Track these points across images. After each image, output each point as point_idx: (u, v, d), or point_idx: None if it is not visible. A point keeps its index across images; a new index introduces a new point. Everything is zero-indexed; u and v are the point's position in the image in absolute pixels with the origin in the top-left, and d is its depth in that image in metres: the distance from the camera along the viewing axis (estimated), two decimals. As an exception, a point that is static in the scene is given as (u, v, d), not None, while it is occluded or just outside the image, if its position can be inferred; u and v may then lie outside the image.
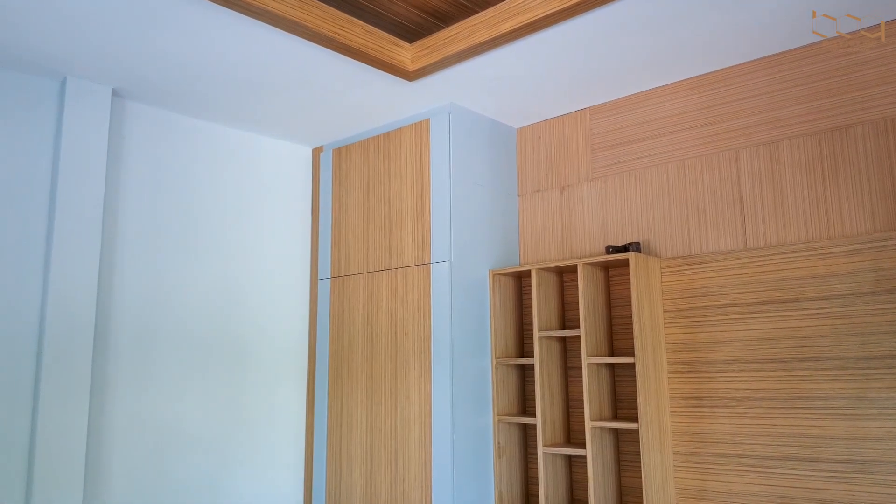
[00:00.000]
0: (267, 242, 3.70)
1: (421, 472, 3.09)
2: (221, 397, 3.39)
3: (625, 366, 3.07)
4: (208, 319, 3.39)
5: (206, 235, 3.45)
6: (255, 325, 3.57)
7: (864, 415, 2.47)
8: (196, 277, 3.38)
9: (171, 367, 3.23)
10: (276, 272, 3.72)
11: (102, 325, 3.03)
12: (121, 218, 3.16)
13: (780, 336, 2.68)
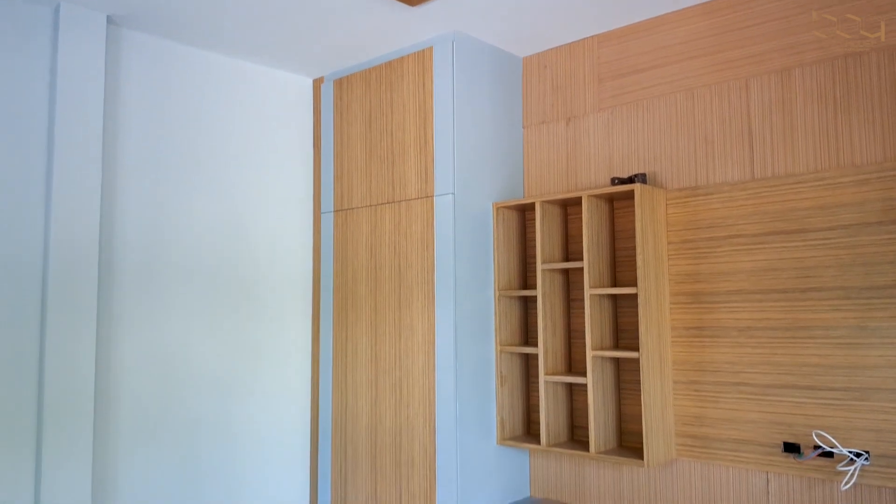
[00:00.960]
0: (269, 176, 3.67)
1: (424, 400, 3.15)
2: (228, 329, 3.43)
3: (627, 297, 3.08)
4: (212, 253, 3.40)
5: (207, 167, 3.42)
6: (259, 258, 3.58)
7: (864, 344, 2.49)
8: (198, 210, 3.37)
9: (177, 299, 3.26)
10: (279, 206, 3.70)
11: (106, 259, 3.04)
12: (120, 149, 3.13)
13: (783, 267, 2.68)
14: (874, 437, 2.45)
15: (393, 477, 3.24)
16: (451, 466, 3.03)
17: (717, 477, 2.81)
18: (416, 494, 3.14)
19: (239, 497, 3.40)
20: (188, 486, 3.22)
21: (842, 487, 2.50)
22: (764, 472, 2.69)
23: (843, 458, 2.49)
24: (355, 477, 3.41)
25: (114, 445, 3.00)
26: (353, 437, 3.45)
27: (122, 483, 3.01)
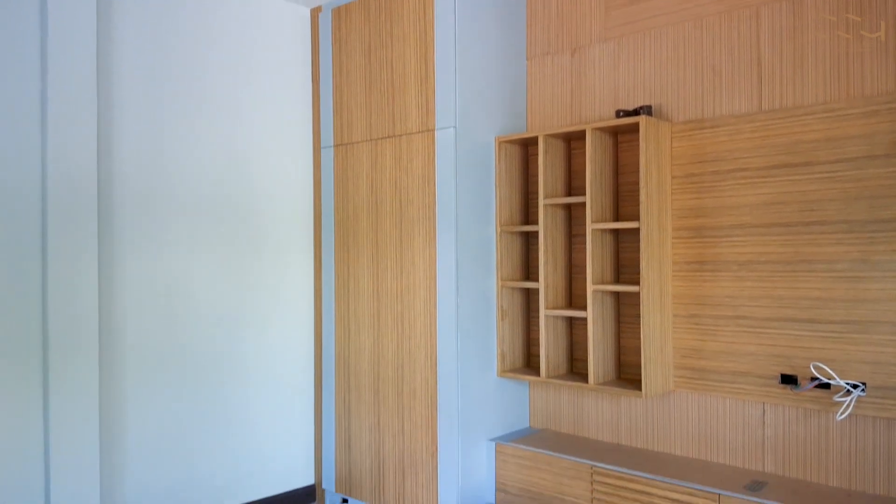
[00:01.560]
0: (268, 109, 3.61)
1: (426, 334, 3.18)
2: (229, 263, 3.44)
3: (629, 232, 3.07)
4: (212, 186, 3.37)
5: (204, 100, 3.36)
6: (259, 192, 3.56)
7: (865, 277, 2.49)
8: (197, 144, 3.32)
9: (178, 233, 3.25)
10: (279, 140, 3.66)
11: (105, 192, 3.02)
12: (115, 83, 3.06)
13: (788, 200, 2.66)
14: (871, 369, 2.48)
15: (395, 408, 3.31)
16: (452, 398, 3.08)
17: (714, 408, 2.86)
18: (418, 424, 3.21)
19: (245, 427, 3.48)
20: (195, 418, 3.29)
21: (837, 417, 2.54)
22: (760, 403, 2.74)
23: (840, 389, 2.52)
24: (359, 408, 3.48)
25: (120, 376, 3.05)
26: (356, 370, 3.50)
27: (129, 413, 3.07)
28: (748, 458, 2.77)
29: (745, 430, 2.78)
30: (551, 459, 2.98)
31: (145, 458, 3.12)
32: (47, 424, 2.78)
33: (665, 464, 2.83)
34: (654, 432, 3.03)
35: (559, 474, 2.95)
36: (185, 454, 3.25)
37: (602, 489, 2.81)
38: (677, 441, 2.96)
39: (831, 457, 2.58)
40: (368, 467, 3.42)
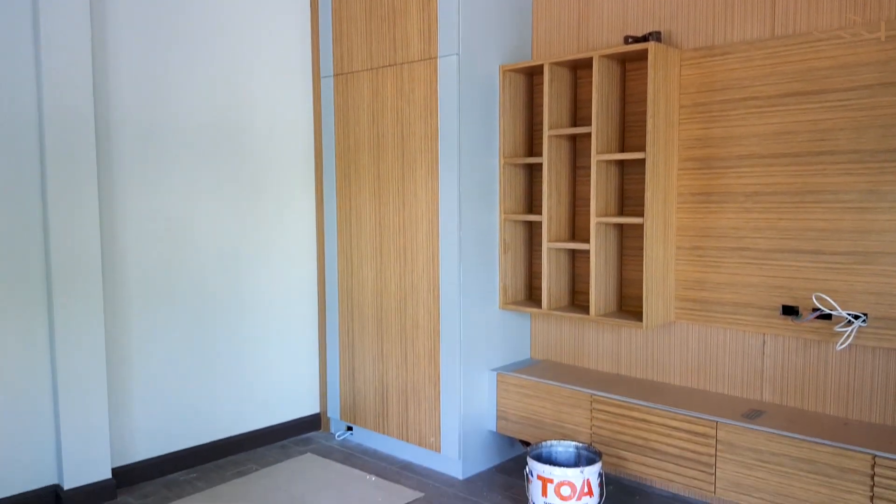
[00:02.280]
0: (266, 39, 3.51)
1: (428, 267, 3.18)
2: (231, 197, 3.41)
3: (634, 164, 3.03)
4: (211, 120, 3.31)
5: (202, 31, 3.26)
6: (260, 125, 3.50)
7: (873, 208, 2.46)
8: (195, 75, 3.25)
9: (179, 167, 3.21)
10: (278, 70, 3.57)
11: (103, 127, 2.97)
12: (110, 15, 2.96)
13: (798, 130, 2.60)
14: (874, 300, 2.47)
15: (399, 339, 3.34)
16: (454, 329, 3.11)
17: (714, 338, 2.87)
18: (420, 355, 3.24)
19: (250, 358, 3.52)
20: (200, 350, 3.32)
21: (837, 347, 2.56)
22: (761, 334, 2.75)
23: (841, 319, 2.53)
24: (362, 339, 3.52)
25: (124, 310, 3.07)
26: (360, 302, 3.52)
27: (135, 345, 3.11)
28: (747, 388, 2.80)
29: (745, 361, 2.80)
30: (552, 388, 3.02)
31: (152, 389, 3.18)
32: (54, 358, 2.81)
33: (664, 393, 2.86)
34: (653, 363, 3.06)
35: (559, 403, 2.99)
36: (192, 385, 3.31)
37: (602, 417, 2.86)
38: (677, 371, 2.99)
39: (829, 386, 2.60)
40: (372, 396, 3.48)
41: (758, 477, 2.46)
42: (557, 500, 2.48)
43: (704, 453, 2.58)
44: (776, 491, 2.42)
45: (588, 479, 2.48)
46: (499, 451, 3.35)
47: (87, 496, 2.89)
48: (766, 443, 2.43)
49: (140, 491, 3.05)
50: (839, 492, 2.29)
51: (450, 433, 3.16)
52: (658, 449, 2.70)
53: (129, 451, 3.12)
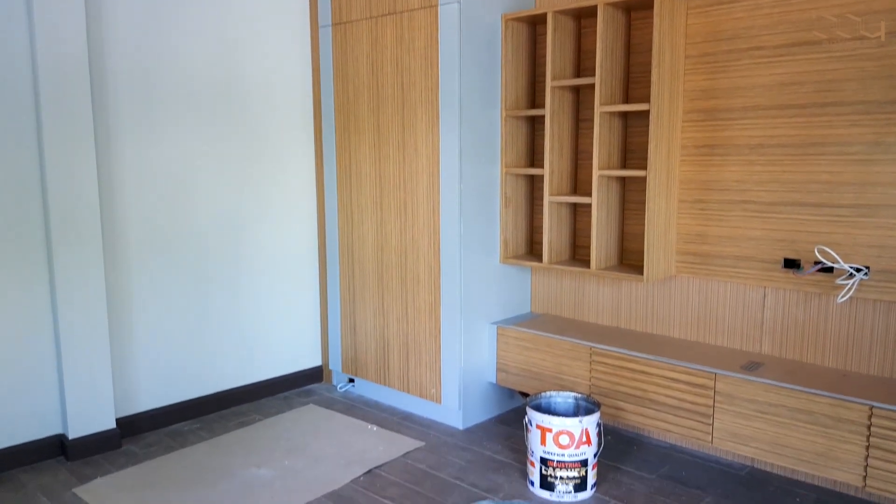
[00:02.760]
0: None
1: (429, 221, 3.17)
2: (230, 150, 3.37)
3: (638, 117, 2.98)
4: (208, 69, 3.26)
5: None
6: (256, 77, 3.44)
7: (878, 160, 2.43)
8: (191, 26, 3.17)
9: (176, 119, 3.17)
10: (276, 19, 3.49)
11: (98, 78, 2.91)
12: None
13: (804, 80, 2.56)
14: (876, 253, 2.47)
15: (399, 293, 3.34)
16: (454, 283, 3.11)
17: (715, 292, 2.88)
18: (421, 310, 3.25)
19: (251, 313, 3.54)
20: (201, 303, 3.33)
21: (838, 300, 2.56)
22: (762, 288, 2.75)
23: (843, 272, 2.53)
24: (363, 294, 3.52)
25: (125, 263, 3.07)
26: (360, 257, 3.51)
27: (136, 299, 3.12)
28: (746, 341, 2.82)
29: (745, 314, 2.81)
30: (551, 341, 3.04)
31: (155, 341, 3.19)
32: (55, 308, 2.82)
33: (664, 345, 2.88)
34: (653, 316, 3.07)
35: (559, 355, 3.01)
36: (194, 337, 3.32)
37: (601, 369, 2.88)
38: (677, 325, 3.01)
39: (829, 339, 2.61)
40: (374, 349, 3.51)
41: (755, 427, 2.48)
42: (556, 448, 2.51)
43: (702, 404, 2.60)
44: (773, 441, 2.45)
45: (586, 428, 2.51)
46: (498, 403, 3.39)
47: (91, 445, 2.93)
48: (764, 394, 2.45)
49: (144, 440, 3.10)
50: (836, 442, 2.32)
51: (450, 385, 3.19)
52: (656, 400, 2.73)
53: (132, 401, 3.16)
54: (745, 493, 2.56)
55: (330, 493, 2.60)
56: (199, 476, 2.74)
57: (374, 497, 2.56)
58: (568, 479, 2.52)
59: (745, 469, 2.76)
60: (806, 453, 2.38)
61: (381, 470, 2.78)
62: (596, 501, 2.51)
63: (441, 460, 2.87)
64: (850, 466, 2.30)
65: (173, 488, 2.64)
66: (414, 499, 2.54)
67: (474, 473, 2.75)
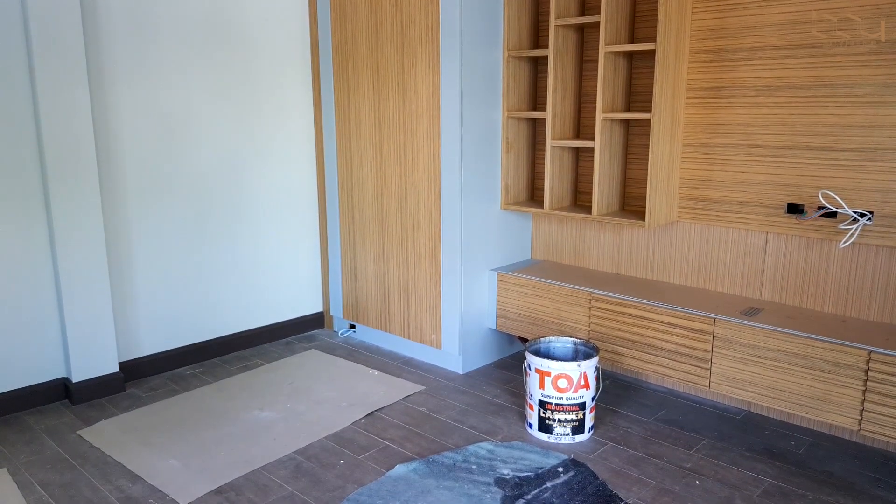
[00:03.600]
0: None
1: (429, 165, 3.13)
2: (227, 92, 3.31)
3: (644, 58, 2.90)
4: (204, 8, 3.16)
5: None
6: (254, 14, 3.34)
7: (888, 102, 2.37)
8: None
9: (171, 59, 3.09)
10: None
11: (90, 15, 2.83)
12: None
13: (815, 20, 2.47)
14: (881, 198, 2.43)
15: (400, 239, 3.33)
16: (455, 229, 3.08)
17: (716, 237, 2.85)
18: (421, 255, 3.24)
19: (251, 258, 3.53)
20: (201, 247, 3.32)
21: (840, 245, 2.53)
22: (764, 233, 2.73)
23: (847, 217, 2.49)
24: (363, 240, 3.51)
25: (123, 204, 3.05)
26: (360, 202, 3.48)
27: (136, 242, 3.11)
28: (747, 287, 2.80)
29: (746, 260, 2.79)
30: (551, 287, 3.03)
31: (156, 285, 3.20)
32: (55, 251, 2.81)
33: (664, 292, 2.87)
34: (654, 263, 3.06)
35: (559, 301, 3.01)
36: (195, 282, 3.33)
37: (600, 315, 2.88)
38: (677, 271, 2.99)
39: (829, 284, 2.60)
40: (374, 295, 3.51)
41: (753, 372, 2.49)
42: (555, 392, 2.53)
43: (701, 349, 2.61)
44: (770, 385, 2.46)
45: (585, 372, 2.52)
46: (498, 349, 3.41)
47: (95, 389, 2.97)
48: (762, 339, 2.45)
49: (147, 384, 3.13)
50: (833, 386, 2.33)
51: (450, 330, 3.20)
52: (655, 345, 2.74)
53: (135, 346, 3.18)
54: (740, 436, 2.60)
55: (331, 434, 2.63)
56: (203, 418, 2.78)
57: (375, 438, 2.60)
58: (566, 421, 2.55)
59: (742, 413, 2.79)
60: (802, 397, 2.40)
61: (382, 412, 2.82)
62: (593, 443, 2.55)
63: (441, 403, 2.90)
64: (846, 410, 2.31)
65: (177, 430, 2.68)
66: (414, 440, 2.58)
67: (474, 416, 2.78)
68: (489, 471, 2.36)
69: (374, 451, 2.50)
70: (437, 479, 2.31)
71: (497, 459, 2.44)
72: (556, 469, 2.37)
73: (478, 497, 2.19)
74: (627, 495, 2.20)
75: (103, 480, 2.32)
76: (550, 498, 2.19)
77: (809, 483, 2.28)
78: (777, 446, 2.52)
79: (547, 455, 2.46)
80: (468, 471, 2.36)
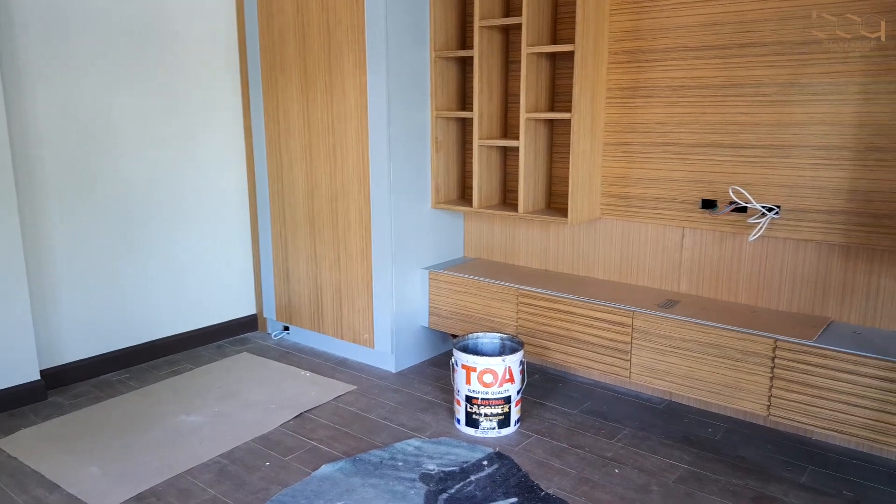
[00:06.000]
0: (179, -83, 3.25)
1: (359, 166, 3.13)
2: (152, 92, 3.25)
3: (566, 59, 2.97)
4: (125, 7, 3.10)
5: None
6: (178, 11, 3.29)
7: (792, 101, 2.48)
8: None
9: (92, 58, 3.02)
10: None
11: (3, 10, 2.75)
12: None
13: (725, 21, 2.58)
14: (787, 193, 2.54)
15: (331, 240, 3.32)
16: (385, 229, 3.10)
17: (637, 233, 2.94)
18: (353, 255, 3.24)
19: (181, 261, 3.47)
20: (128, 251, 3.25)
21: (749, 239, 2.64)
22: (681, 228, 2.82)
23: (756, 212, 2.60)
24: (295, 240, 3.49)
25: (43, 209, 2.96)
26: (291, 203, 3.46)
27: (57, 246, 3.02)
28: (665, 280, 2.90)
29: (665, 254, 2.88)
30: (481, 284, 3.07)
31: (79, 290, 3.11)
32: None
33: (588, 286, 2.94)
34: (579, 258, 3.13)
35: (488, 298, 3.06)
36: (121, 286, 3.25)
37: (527, 310, 2.94)
38: (601, 266, 3.07)
39: (741, 276, 2.71)
40: (307, 296, 3.50)
41: (669, 362, 2.58)
42: (480, 387, 2.57)
43: (621, 341, 2.68)
44: (685, 374, 2.55)
45: (510, 366, 2.57)
46: (432, 346, 3.44)
47: (15, 397, 2.88)
48: (677, 330, 2.54)
49: (71, 392, 3.05)
50: (743, 373, 2.43)
51: (383, 330, 3.21)
52: (579, 339, 2.80)
53: (58, 352, 3.09)
54: (661, 425, 2.68)
55: (259, 436, 2.62)
56: (127, 424, 2.73)
57: (303, 439, 2.59)
58: (492, 415, 2.58)
59: (664, 403, 2.88)
60: (716, 385, 2.49)
61: (312, 413, 2.81)
62: (519, 436, 2.60)
63: (371, 402, 2.91)
64: (755, 397, 2.41)
65: (100, 436, 2.62)
66: (342, 440, 2.58)
67: (403, 414, 2.80)
68: (415, 467, 2.38)
69: (301, 452, 2.50)
70: (363, 477, 2.32)
71: (424, 455, 2.46)
72: (480, 462, 2.40)
73: (402, 493, 2.21)
74: (548, 485, 2.25)
75: (19, 491, 2.25)
76: (473, 491, 2.22)
77: (723, 468, 2.37)
78: (694, 434, 2.61)
79: (473, 449, 2.50)
80: (394, 468, 2.37)
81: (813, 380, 2.29)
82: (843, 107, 2.38)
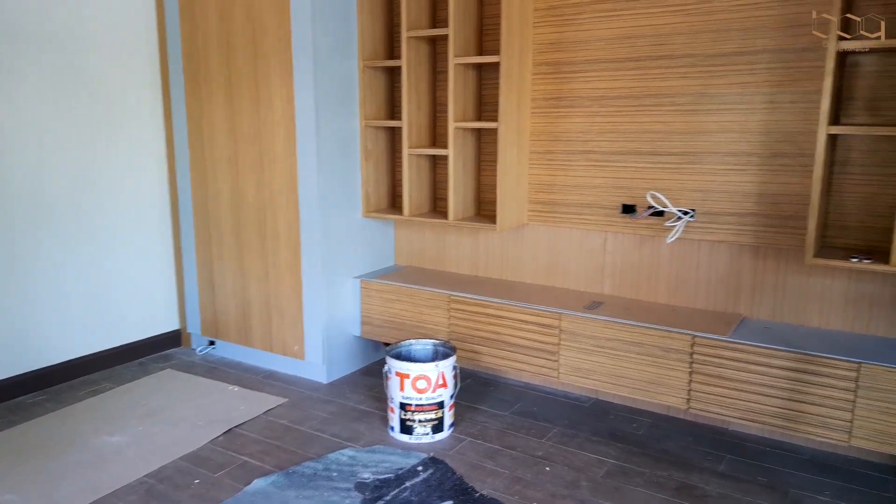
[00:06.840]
0: (93, -80, 3.15)
1: (286, 175, 3.10)
2: (67, 100, 3.11)
3: (492, 70, 3.04)
4: (38, 14, 2.97)
5: None
6: (95, 17, 3.18)
7: (703, 110, 2.63)
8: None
9: (1, 67, 2.89)
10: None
11: None
12: None
13: (640, 34, 2.70)
14: (701, 197, 2.68)
15: (259, 252, 3.27)
16: (315, 239, 3.07)
17: (562, 238, 3.03)
18: (282, 267, 3.20)
19: (98, 276, 3.33)
20: (40, 267, 3.09)
21: (667, 241, 2.77)
22: (603, 233, 2.93)
23: (672, 216, 2.73)
24: (220, 253, 3.41)
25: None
26: (216, 215, 3.39)
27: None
28: (590, 283, 3.00)
29: (589, 258, 2.98)
30: (412, 292, 3.09)
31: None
32: None
33: (517, 291, 3.01)
34: (507, 264, 3.20)
35: (420, 304, 3.08)
36: (33, 305, 3.09)
37: (459, 316, 2.98)
38: (529, 270, 3.15)
39: (661, 277, 2.83)
40: (234, 310, 3.42)
41: (595, 361, 2.67)
42: (414, 393, 2.58)
43: (549, 343, 2.76)
44: (611, 372, 2.64)
45: (443, 372, 2.59)
46: (364, 356, 3.42)
47: (-84, 424, 2.69)
48: (602, 330, 2.63)
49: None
50: (664, 369, 2.54)
51: (313, 341, 3.18)
52: (509, 342, 2.86)
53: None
54: (590, 422, 2.76)
55: (187, 454, 2.54)
56: (44, 447, 2.59)
57: (233, 455, 2.53)
58: (426, 421, 2.60)
59: (591, 401, 2.97)
60: (640, 382, 2.59)
61: (242, 428, 2.75)
62: (453, 440, 2.62)
63: (303, 414, 2.87)
64: (676, 391, 2.53)
65: (15, 461, 2.48)
66: (274, 453, 2.54)
67: (336, 424, 2.78)
68: (350, 476, 2.36)
69: (232, 468, 2.44)
70: (297, 489, 2.29)
71: (358, 465, 2.45)
72: (415, 468, 2.41)
73: (337, 503, 2.20)
74: (483, 486, 2.28)
75: (-78, 523, 2.11)
76: (409, 497, 2.23)
77: (648, 461, 2.46)
78: (620, 429, 2.71)
79: (408, 455, 2.50)
80: (328, 478, 2.35)
81: (728, 373, 2.42)
82: (750, 115, 2.54)
